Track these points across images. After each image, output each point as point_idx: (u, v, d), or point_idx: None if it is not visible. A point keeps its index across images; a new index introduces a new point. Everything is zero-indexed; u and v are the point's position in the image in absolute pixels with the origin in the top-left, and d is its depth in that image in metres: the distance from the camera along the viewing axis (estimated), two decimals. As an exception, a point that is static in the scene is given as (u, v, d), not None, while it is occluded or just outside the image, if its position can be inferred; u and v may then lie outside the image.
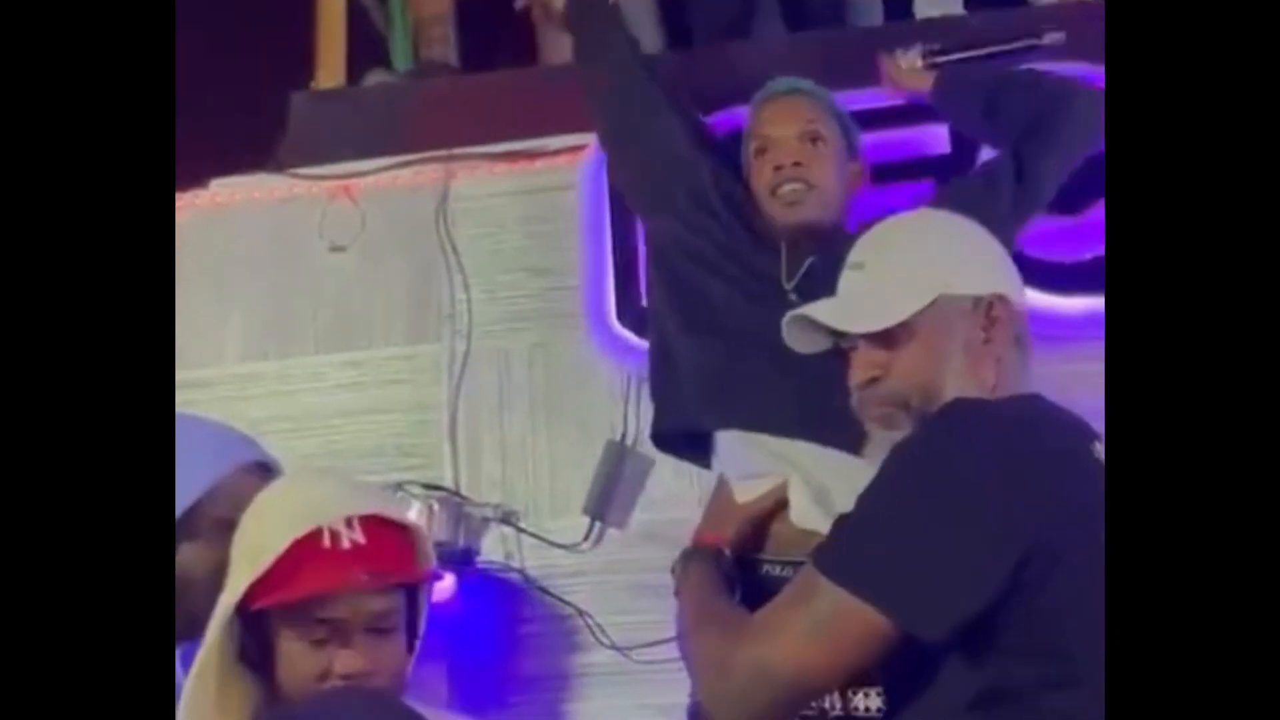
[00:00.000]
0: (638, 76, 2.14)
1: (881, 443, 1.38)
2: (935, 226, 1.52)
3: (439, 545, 2.28)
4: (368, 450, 2.39)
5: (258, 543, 1.36)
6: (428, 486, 2.34)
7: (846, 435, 1.60)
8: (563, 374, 2.42)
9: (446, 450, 2.40)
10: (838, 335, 1.48)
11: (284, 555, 1.33)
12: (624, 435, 2.36)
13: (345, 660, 1.33)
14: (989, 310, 1.39)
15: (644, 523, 2.34)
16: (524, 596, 2.33)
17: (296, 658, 1.35)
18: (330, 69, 2.91)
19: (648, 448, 2.35)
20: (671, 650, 2.18)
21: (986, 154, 2.33)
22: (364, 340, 2.49)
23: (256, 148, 2.76)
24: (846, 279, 1.47)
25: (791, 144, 1.93)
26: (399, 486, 2.34)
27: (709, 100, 2.53)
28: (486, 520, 2.35)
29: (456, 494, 2.36)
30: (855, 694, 1.67)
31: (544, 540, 2.34)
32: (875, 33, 2.84)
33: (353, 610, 1.34)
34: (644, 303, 2.36)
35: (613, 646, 2.28)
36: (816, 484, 1.72)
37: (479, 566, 2.32)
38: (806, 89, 2.04)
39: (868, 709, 1.66)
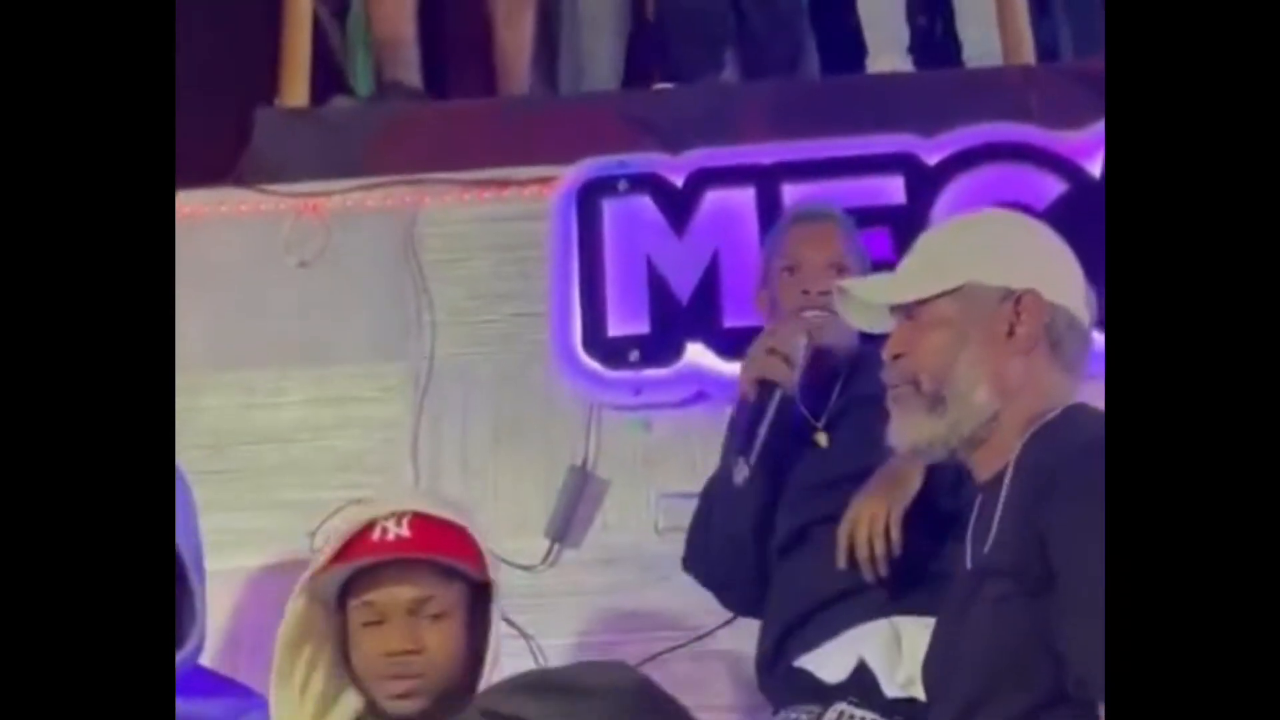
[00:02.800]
0: None
1: (894, 423, 1.43)
2: (994, 221, 1.56)
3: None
4: (329, 466, 2.41)
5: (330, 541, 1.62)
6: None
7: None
8: (526, 399, 2.46)
9: (408, 469, 2.44)
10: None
11: (341, 547, 1.61)
12: (585, 461, 2.42)
13: (394, 637, 1.59)
14: (1017, 304, 1.39)
15: (601, 545, 2.42)
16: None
17: (360, 639, 1.61)
18: (294, 89, 2.94)
19: (605, 471, 2.45)
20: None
21: (941, 205, 2.47)
22: (328, 356, 2.51)
23: (217, 163, 2.78)
24: (904, 259, 1.52)
25: (820, 271, 2.01)
26: (359, 503, 2.38)
27: (669, 139, 2.64)
28: (445, 538, 2.40)
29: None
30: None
31: (502, 560, 2.38)
32: (829, 84, 2.97)
33: (394, 590, 1.60)
34: (609, 333, 2.45)
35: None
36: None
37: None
38: (837, 216, 2.14)
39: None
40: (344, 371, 2.51)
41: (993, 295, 1.41)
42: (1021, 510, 1.32)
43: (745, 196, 2.51)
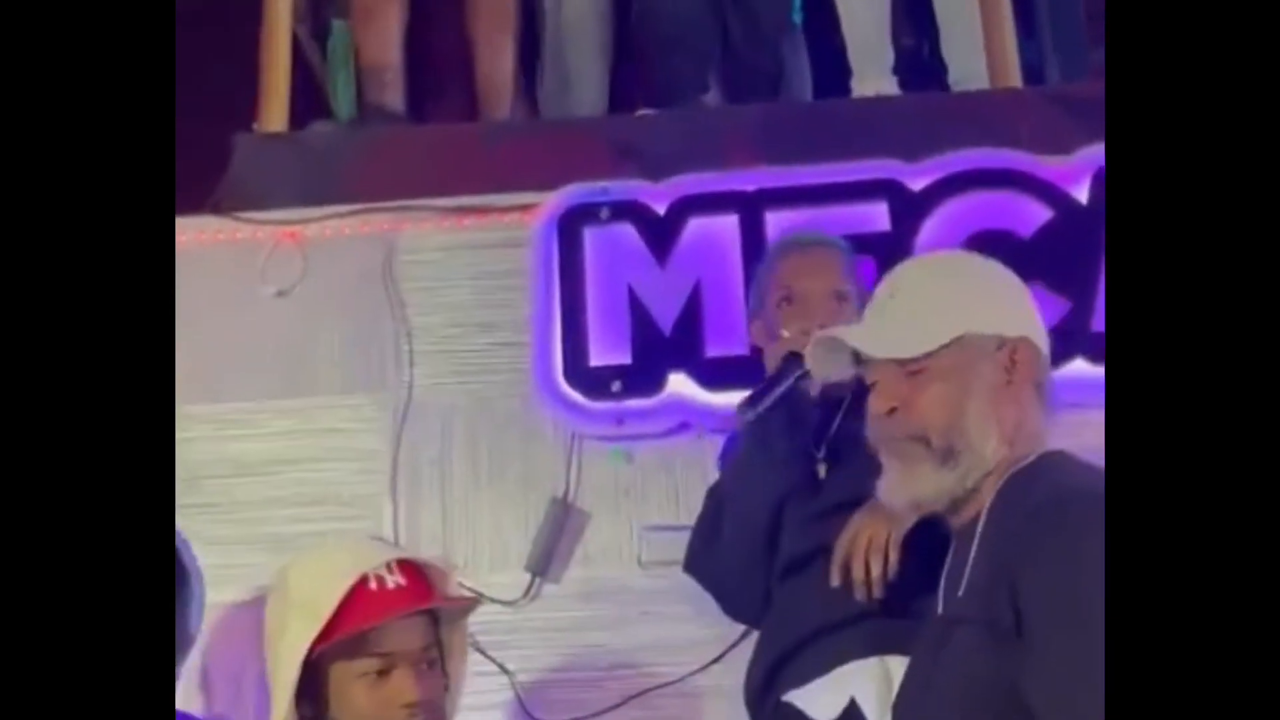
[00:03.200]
0: None
1: (897, 477, 1.41)
2: (969, 266, 1.56)
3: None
4: (307, 499, 2.38)
5: (311, 598, 1.57)
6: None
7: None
8: (506, 430, 2.43)
9: (387, 502, 2.40)
10: (860, 364, 1.49)
11: (339, 606, 1.56)
12: (566, 493, 2.39)
13: (409, 688, 1.57)
14: (1013, 352, 1.41)
15: (582, 579, 2.38)
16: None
17: (357, 693, 1.58)
18: (273, 113, 2.90)
19: (587, 504, 2.41)
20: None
21: (927, 232, 2.44)
22: (306, 387, 2.47)
23: (195, 189, 2.74)
24: (877, 306, 1.49)
25: (820, 301, 1.98)
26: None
27: (652, 166, 2.60)
28: (425, 573, 2.36)
29: (395, 546, 2.36)
30: None
31: (482, 595, 2.34)
32: (814, 108, 2.95)
33: (405, 642, 1.58)
34: (591, 363, 2.41)
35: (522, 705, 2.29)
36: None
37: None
38: (833, 242, 2.10)
39: None
40: (322, 402, 2.47)
41: (989, 344, 1.42)
42: (994, 559, 1.32)
43: (728, 224, 2.48)
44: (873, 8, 3.00)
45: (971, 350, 1.41)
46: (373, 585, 1.62)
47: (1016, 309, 1.46)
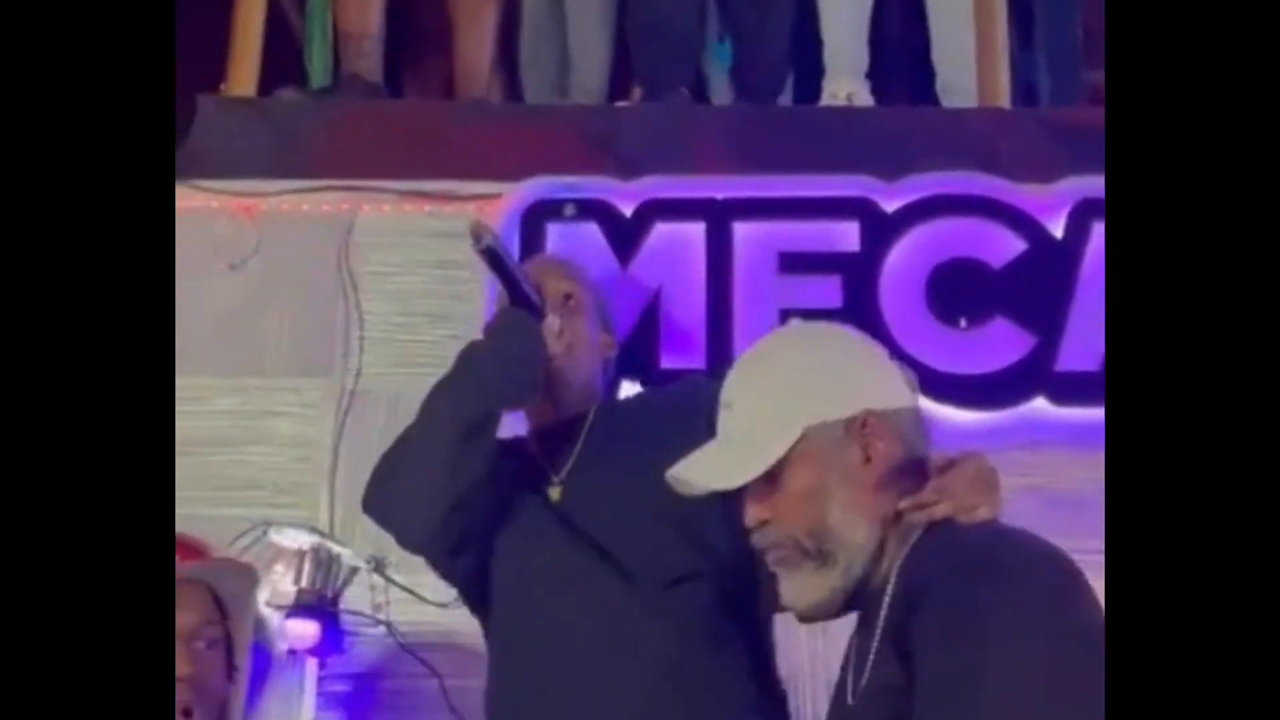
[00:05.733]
0: None
1: (787, 586, 1.34)
2: (796, 352, 1.43)
3: (304, 591, 2.25)
4: (242, 482, 2.31)
5: None
6: (299, 527, 2.29)
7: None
8: (452, 425, 2.37)
9: (324, 491, 2.34)
10: None
11: None
12: (508, 495, 2.33)
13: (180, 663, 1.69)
14: (862, 429, 1.34)
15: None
16: (387, 650, 2.29)
17: None
18: (241, 78, 2.83)
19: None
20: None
21: (896, 255, 2.38)
22: (250, 367, 2.41)
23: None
24: (720, 421, 1.41)
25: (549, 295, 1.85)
26: (266, 524, 2.28)
27: (624, 160, 2.53)
28: (355, 569, 2.30)
29: (329, 537, 2.30)
30: None
31: (414, 594, 2.29)
32: (794, 114, 2.87)
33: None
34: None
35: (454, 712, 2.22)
36: None
37: (342, 616, 2.28)
38: (565, 259, 2.06)
39: None
40: (265, 384, 2.40)
41: (836, 430, 1.34)
42: (891, 639, 1.25)
43: (695, 231, 2.42)
44: (852, 9, 2.91)
45: (819, 442, 1.34)
46: None
47: (855, 381, 1.37)
